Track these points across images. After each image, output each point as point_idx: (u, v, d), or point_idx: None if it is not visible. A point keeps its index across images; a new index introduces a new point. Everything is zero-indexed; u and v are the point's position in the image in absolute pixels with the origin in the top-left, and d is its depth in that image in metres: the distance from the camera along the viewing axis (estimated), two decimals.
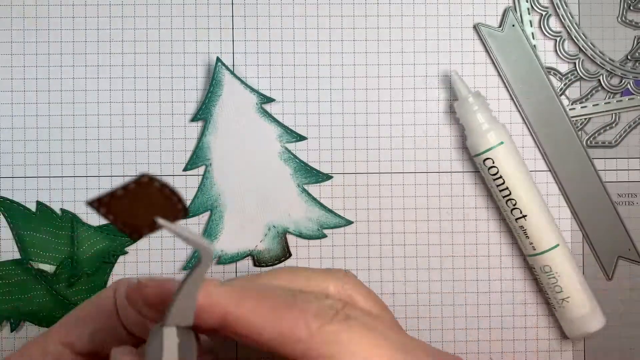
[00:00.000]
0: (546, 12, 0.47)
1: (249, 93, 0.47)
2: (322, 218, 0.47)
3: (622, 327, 0.48)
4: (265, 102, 0.47)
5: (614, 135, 0.48)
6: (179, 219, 0.27)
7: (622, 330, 0.48)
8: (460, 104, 0.46)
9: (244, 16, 0.48)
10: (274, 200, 0.47)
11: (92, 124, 0.47)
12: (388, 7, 0.48)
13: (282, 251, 0.47)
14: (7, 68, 0.47)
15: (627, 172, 0.48)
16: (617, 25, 0.48)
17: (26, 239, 0.47)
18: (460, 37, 0.48)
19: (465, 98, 0.46)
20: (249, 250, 0.47)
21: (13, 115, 0.47)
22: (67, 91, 0.47)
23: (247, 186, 0.47)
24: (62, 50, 0.47)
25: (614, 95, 0.48)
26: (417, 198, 0.48)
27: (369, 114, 0.48)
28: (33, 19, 0.47)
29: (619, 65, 0.48)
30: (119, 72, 0.47)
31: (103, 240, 0.47)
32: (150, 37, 0.47)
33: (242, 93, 0.47)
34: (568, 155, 0.48)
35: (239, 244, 0.47)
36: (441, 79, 0.48)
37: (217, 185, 0.47)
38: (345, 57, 0.48)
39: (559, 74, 0.48)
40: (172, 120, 0.47)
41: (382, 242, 0.48)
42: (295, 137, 0.48)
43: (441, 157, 0.48)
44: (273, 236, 0.47)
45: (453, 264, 0.48)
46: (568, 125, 0.48)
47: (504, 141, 0.45)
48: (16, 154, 0.47)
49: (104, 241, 0.47)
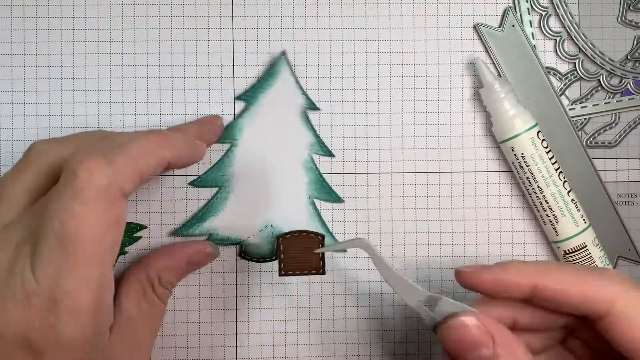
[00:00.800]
0: (546, 12, 0.47)
1: (300, 94, 0.47)
2: None
3: None
4: (312, 108, 0.47)
5: (613, 135, 0.48)
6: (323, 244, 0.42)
7: None
8: (486, 90, 0.46)
9: (244, 16, 0.48)
10: (281, 202, 0.47)
11: (91, 124, 0.47)
12: (388, 8, 0.48)
13: (269, 252, 0.47)
14: (7, 68, 0.47)
15: (627, 172, 0.48)
16: (617, 26, 0.48)
17: None
18: (460, 37, 0.48)
19: (491, 84, 0.46)
20: (240, 239, 0.47)
21: (13, 116, 0.47)
22: (67, 91, 0.47)
23: (262, 179, 0.47)
24: (62, 50, 0.47)
25: (613, 95, 0.48)
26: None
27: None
28: (33, 19, 0.47)
29: (619, 65, 0.48)
30: (119, 72, 0.47)
31: None
32: (150, 37, 0.47)
33: (293, 92, 0.47)
34: (568, 155, 0.48)
35: (233, 230, 0.47)
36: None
37: (234, 167, 0.47)
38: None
39: (559, 74, 0.48)
40: (172, 119, 0.47)
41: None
42: (326, 151, 0.48)
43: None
44: (266, 235, 0.47)
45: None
46: (568, 125, 0.48)
47: (537, 123, 0.46)
48: (16, 154, 0.47)
49: None
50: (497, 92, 0.45)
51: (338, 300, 0.48)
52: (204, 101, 0.47)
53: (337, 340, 0.48)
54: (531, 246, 0.48)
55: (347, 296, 0.48)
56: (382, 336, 0.48)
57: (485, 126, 0.48)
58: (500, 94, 0.45)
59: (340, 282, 0.48)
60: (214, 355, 0.47)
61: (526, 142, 0.45)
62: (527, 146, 0.45)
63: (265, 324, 0.48)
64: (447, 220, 0.48)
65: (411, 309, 0.42)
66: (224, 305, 0.48)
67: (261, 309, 0.48)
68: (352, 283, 0.48)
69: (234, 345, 0.48)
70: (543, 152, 0.45)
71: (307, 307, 0.48)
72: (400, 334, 0.48)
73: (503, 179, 0.48)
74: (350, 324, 0.48)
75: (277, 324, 0.48)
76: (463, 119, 0.48)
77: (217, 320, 0.48)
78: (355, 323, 0.48)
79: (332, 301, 0.48)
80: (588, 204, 0.47)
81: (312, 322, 0.48)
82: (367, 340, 0.48)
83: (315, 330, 0.48)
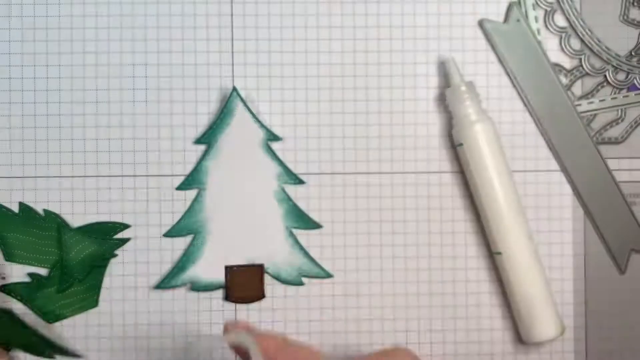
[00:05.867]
0: (551, 7, 0.48)
1: (258, 128, 0.47)
2: (303, 266, 0.47)
3: (622, 327, 0.48)
4: (272, 139, 0.47)
5: (620, 131, 0.48)
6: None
7: (622, 330, 0.48)
8: (451, 91, 0.46)
9: (243, 15, 0.48)
10: (259, 238, 0.47)
11: (89, 123, 0.47)
12: (389, 6, 0.48)
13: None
14: (5, 67, 0.47)
15: (629, 172, 0.48)
16: (619, 24, 0.48)
17: (9, 240, 0.46)
18: (462, 37, 0.48)
19: (457, 86, 0.46)
20: (224, 282, 0.47)
21: (11, 115, 0.47)
22: (65, 91, 0.47)
23: (236, 218, 0.47)
24: (60, 49, 0.47)
25: (620, 91, 0.48)
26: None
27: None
28: (31, 17, 0.47)
29: (625, 60, 0.48)
30: (117, 71, 0.47)
31: (92, 245, 0.47)
32: (149, 36, 0.47)
33: (251, 126, 0.47)
34: (578, 151, 0.48)
35: (216, 273, 0.47)
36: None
37: (206, 211, 0.47)
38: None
39: (565, 70, 0.48)
40: (170, 120, 0.47)
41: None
42: (295, 180, 0.47)
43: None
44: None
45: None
46: (577, 121, 0.48)
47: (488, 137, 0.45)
48: (15, 154, 0.47)
49: (92, 245, 0.47)
50: (462, 93, 0.45)
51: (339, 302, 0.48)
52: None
53: (338, 340, 0.48)
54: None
55: (348, 297, 0.47)
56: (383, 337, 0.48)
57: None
58: (464, 94, 0.45)
59: (340, 284, 0.48)
60: None
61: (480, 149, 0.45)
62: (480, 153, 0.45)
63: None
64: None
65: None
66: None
67: None
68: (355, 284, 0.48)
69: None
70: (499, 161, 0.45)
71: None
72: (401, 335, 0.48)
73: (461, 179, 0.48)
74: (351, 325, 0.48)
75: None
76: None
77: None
78: (356, 324, 0.48)
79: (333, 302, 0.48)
80: (600, 198, 0.47)
81: (312, 323, 0.47)
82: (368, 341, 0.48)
83: (315, 332, 0.48)
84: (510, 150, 0.48)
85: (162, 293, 0.47)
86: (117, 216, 0.47)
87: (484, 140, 0.45)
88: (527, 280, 0.45)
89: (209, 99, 0.47)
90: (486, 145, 0.45)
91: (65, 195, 0.47)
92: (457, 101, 0.46)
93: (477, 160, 0.45)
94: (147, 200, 0.47)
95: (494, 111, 0.48)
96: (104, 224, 0.47)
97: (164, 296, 0.47)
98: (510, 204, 0.45)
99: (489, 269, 0.48)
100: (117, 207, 0.47)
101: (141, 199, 0.47)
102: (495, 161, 0.45)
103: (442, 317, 0.47)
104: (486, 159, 0.45)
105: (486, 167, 0.45)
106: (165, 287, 0.47)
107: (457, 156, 0.47)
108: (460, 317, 0.48)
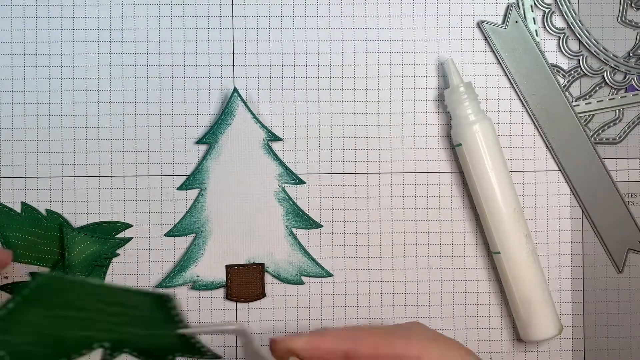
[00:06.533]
0: (549, 9, 0.48)
1: (259, 128, 0.47)
2: (303, 265, 0.47)
3: (620, 326, 0.48)
4: (273, 139, 0.47)
5: (617, 132, 0.48)
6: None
7: (620, 329, 0.48)
8: (450, 92, 0.46)
9: (244, 15, 0.48)
10: (260, 237, 0.47)
11: (92, 124, 0.47)
12: (388, 8, 0.48)
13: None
14: (7, 68, 0.47)
15: (627, 172, 0.49)
16: (617, 25, 0.49)
17: (12, 240, 0.46)
18: (460, 38, 0.48)
19: (456, 87, 0.46)
20: (225, 281, 0.47)
21: (14, 116, 0.47)
22: (67, 91, 0.47)
23: (236, 218, 0.47)
24: (62, 50, 0.47)
25: (617, 92, 0.48)
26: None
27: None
28: (33, 19, 0.47)
29: (623, 61, 0.48)
30: (119, 73, 0.47)
31: (93, 244, 0.47)
32: (151, 38, 0.47)
33: (251, 127, 0.47)
34: (576, 151, 0.48)
35: (217, 273, 0.47)
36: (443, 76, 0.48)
37: (207, 211, 0.47)
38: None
39: (563, 70, 0.48)
40: (172, 120, 0.47)
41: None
42: (295, 180, 0.47)
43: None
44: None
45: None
46: (575, 121, 0.48)
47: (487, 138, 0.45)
48: (16, 154, 0.47)
49: (94, 245, 0.47)
50: (460, 94, 0.46)
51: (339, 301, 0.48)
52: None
53: None
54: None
55: (348, 296, 0.47)
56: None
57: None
58: (464, 95, 0.45)
59: (340, 283, 0.48)
60: None
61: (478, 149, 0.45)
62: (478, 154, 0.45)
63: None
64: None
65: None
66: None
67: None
68: (354, 283, 0.48)
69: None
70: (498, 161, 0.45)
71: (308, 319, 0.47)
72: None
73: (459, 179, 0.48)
74: (351, 324, 0.48)
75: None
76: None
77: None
78: (355, 323, 0.48)
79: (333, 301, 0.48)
80: (597, 198, 0.47)
81: (312, 322, 0.48)
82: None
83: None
84: (509, 150, 0.48)
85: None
86: (119, 216, 0.47)
87: (482, 140, 0.45)
88: (525, 280, 0.45)
89: (210, 99, 0.48)
90: (485, 145, 0.45)
91: (68, 195, 0.47)
92: (456, 102, 0.46)
93: (476, 161, 0.45)
94: (148, 200, 0.47)
95: (492, 112, 0.48)
96: (106, 224, 0.47)
97: None
98: (509, 204, 0.45)
99: (487, 268, 0.48)
100: (118, 207, 0.47)
101: (143, 199, 0.47)
102: (493, 161, 0.45)
103: (441, 316, 0.48)
104: (485, 159, 0.45)
105: (485, 167, 0.45)
106: (166, 287, 0.47)
107: (456, 156, 0.47)
108: (459, 316, 0.48)
